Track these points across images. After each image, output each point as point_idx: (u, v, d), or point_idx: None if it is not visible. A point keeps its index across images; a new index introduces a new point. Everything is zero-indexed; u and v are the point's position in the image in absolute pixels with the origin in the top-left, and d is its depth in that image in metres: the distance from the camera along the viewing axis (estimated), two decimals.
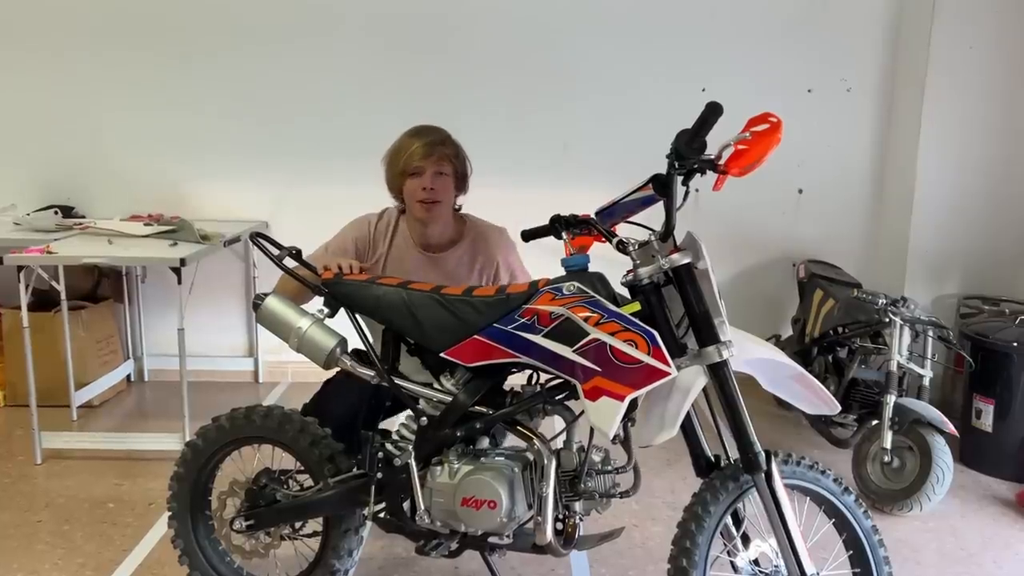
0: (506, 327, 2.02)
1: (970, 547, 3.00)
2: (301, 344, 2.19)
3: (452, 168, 2.49)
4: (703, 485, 1.99)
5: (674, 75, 4.51)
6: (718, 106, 1.81)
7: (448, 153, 2.48)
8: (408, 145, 2.47)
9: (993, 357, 3.55)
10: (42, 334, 3.88)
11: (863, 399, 3.48)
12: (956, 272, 4.35)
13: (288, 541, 2.39)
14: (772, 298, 4.72)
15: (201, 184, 4.58)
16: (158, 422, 4.04)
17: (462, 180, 2.55)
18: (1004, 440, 3.55)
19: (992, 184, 4.28)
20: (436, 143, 2.46)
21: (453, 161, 2.50)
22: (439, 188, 2.46)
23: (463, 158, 2.54)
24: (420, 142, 2.45)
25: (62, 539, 2.92)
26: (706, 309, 1.91)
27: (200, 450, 2.36)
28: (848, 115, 4.59)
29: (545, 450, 2.05)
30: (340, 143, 4.48)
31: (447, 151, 2.48)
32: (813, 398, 2.08)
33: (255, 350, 4.74)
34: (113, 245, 3.66)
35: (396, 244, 2.59)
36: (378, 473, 2.19)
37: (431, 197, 2.45)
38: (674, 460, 3.62)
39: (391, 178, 2.53)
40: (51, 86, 4.49)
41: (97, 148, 4.55)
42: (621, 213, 2.17)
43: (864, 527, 2.04)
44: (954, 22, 4.15)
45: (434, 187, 2.45)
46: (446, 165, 2.48)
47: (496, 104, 4.52)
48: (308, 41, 4.46)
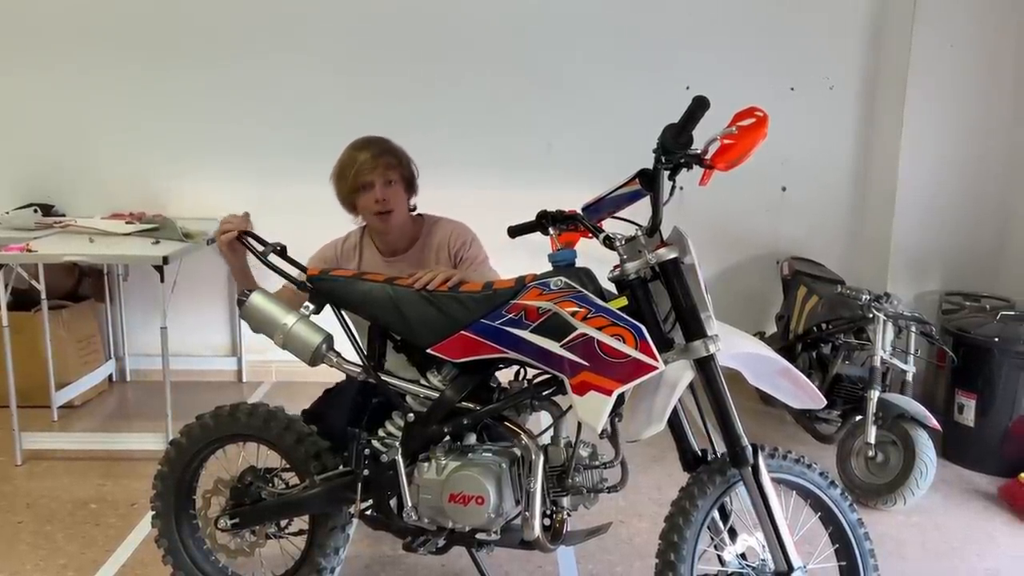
0: (493, 322, 2.02)
1: (953, 541, 3.03)
2: (286, 341, 2.17)
3: (399, 174, 2.53)
4: (690, 479, 2.00)
5: (658, 74, 4.52)
6: (705, 100, 1.82)
7: (393, 162, 2.51)
8: (353, 160, 2.49)
9: (975, 352, 3.59)
10: (22, 334, 3.84)
11: (847, 395, 3.51)
12: (937, 268, 4.40)
13: (274, 539, 2.37)
14: (756, 295, 4.74)
15: (183, 182, 4.54)
16: (140, 422, 4.00)
17: (410, 184, 2.59)
18: (986, 435, 3.58)
19: (972, 181, 4.32)
20: (380, 154, 2.49)
21: (399, 168, 2.53)
22: (390, 197, 2.50)
23: (407, 162, 2.58)
24: (365, 155, 2.48)
25: (44, 540, 2.89)
26: (693, 304, 1.91)
27: (184, 448, 2.34)
28: (831, 113, 4.62)
29: (533, 445, 2.05)
30: (322, 142, 4.39)
31: (392, 160, 2.51)
32: (799, 393, 2.09)
33: (238, 349, 4.71)
34: (94, 243, 3.63)
35: (365, 259, 2.64)
36: (365, 470, 2.18)
37: (384, 207, 2.49)
38: (660, 456, 3.62)
39: (343, 195, 2.56)
40: (31, 84, 4.44)
41: (78, 146, 4.50)
42: (608, 208, 2.18)
43: (850, 521, 2.06)
44: (935, 21, 4.19)
45: (385, 197, 2.49)
46: (393, 173, 2.51)
47: (479, 104, 4.52)
48: (290, 41, 4.43)
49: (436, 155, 4.39)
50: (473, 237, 2.64)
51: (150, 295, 4.54)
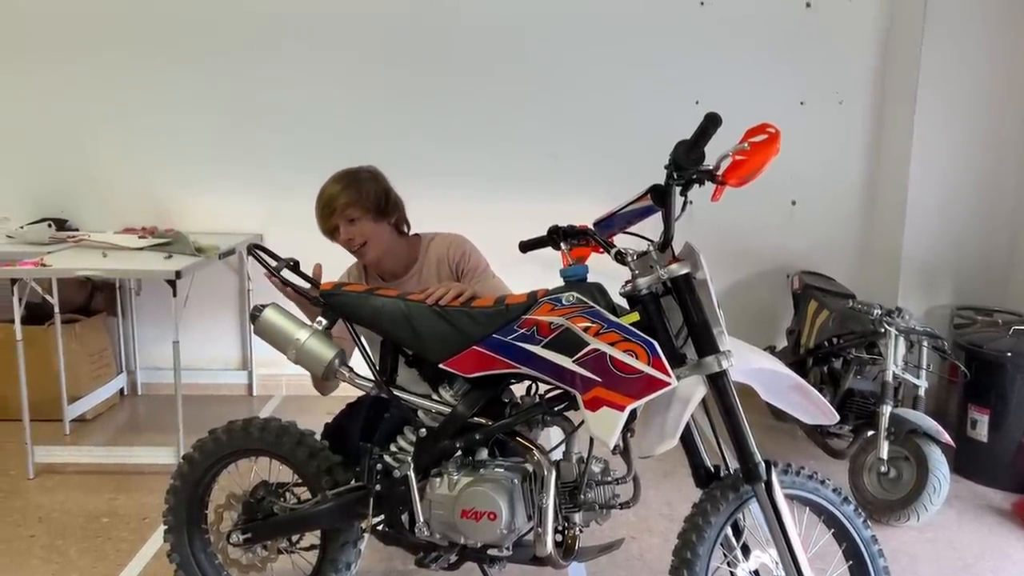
0: (505, 338, 2.02)
1: (967, 557, 3.00)
2: (299, 355, 2.18)
3: (361, 208, 2.45)
4: (703, 495, 1.99)
5: (667, 89, 4.53)
6: (717, 117, 1.82)
7: (349, 200, 2.43)
8: (318, 207, 2.48)
9: (987, 367, 3.57)
10: (35, 347, 3.86)
11: (859, 410, 3.49)
12: (949, 282, 4.38)
13: (285, 554, 2.37)
14: (766, 310, 4.73)
15: (195, 197, 4.58)
16: (152, 435, 4.01)
17: (381, 211, 2.49)
18: (999, 450, 3.56)
19: (983, 195, 4.31)
20: (334, 196, 2.44)
21: (359, 203, 2.45)
22: (357, 234, 2.46)
23: (370, 192, 2.47)
24: (323, 202, 2.46)
25: (56, 554, 2.90)
26: (705, 319, 1.91)
27: (197, 463, 2.35)
28: (840, 127, 4.62)
29: (545, 461, 2.04)
30: (333, 155, 4.43)
31: (348, 199, 2.43)
32: (811, 408, 2.09)
33: (249, 363, 4.72)
34: (107, 258, 3.65)
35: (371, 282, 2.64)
36: (377, 485, 2.18)
37: (353, 247, 2.50)
38: (671, 472, 3.61)
39: (326, 235, 2.55)
40: (44, 99, 4.48)
41: (91, 161, 4.54)
42: (619, 224, 2.18)
43: (864, 537, 2.04)
44: (945, 35, 4.19)
45: (351, 236, 2.47)
46: (353, 210, 2.44)
47: (487, 116, 4.54)
48: (300, 55, 4.47)
49: (442, 166, 4.44)
50: (471, 247, 2.61)
51: (162, 309, 4.56)
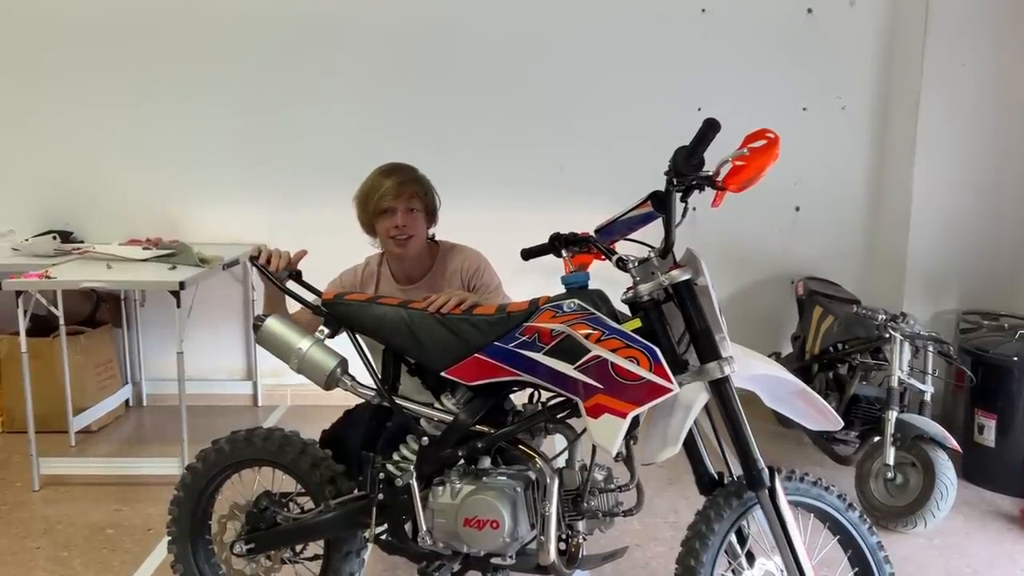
0: (507, 345, 2.02)
1: (975, 563, 2.98)
2: (301, 365, 2.18)
3: (422, 204, 2.57)
4: (707, 502, 1.98)
5: (669, 96, 4.54)
6: (716, 122, 1.82)
7: (417, 191, 2.55)
8: (379, 185, 2.53)
9: (994, 372, 3.55)
10: (40, 359, 3.88)
11: (865, 415, 3.47)
12: (954, 287, 4.36)
13: (289, 564, 2.37)
14: (771, 315, 4.72)
15: (199, 208, 4.59)
16: (157, 447, 4.01)
17: (432, 214, 2.63)
18: (1007, 455, 3.54)
19: (988, 199, 4.30)
20: (406, 182, 2.54)
21: (423, 198, 2.57)
22: (410, 224, 2.53)
23: (432, 193, 2.62)
24: (391, 182, 2.52)
25: (61, 565, 2.89)
26: (707, 325, 1.91)
27: (200, 474, 2.35)
28: (843, 133, 4.62)
29: (547, 469, 2.04)
30: (338, 166, 4.49)
31: (416, 189, 2.55)
32: (816, 414, 2.07)
33: (254, 373, 4.73)
34: (112, 269, 3.66)
35: (382, 287, 2.66)
36: (379, 494, 2.18)
37: (403, 233, 2.53)
38: (675, 479, 3.60)
39: (364, 218, 2.60)
40: (48, 111, 4.51)
41: (95, 173, 4.56)
42: (620, 231, 2.18)
43: (869, 544, 2.03)
44: (947, 40, 4.19)
45: (405, 224, 2.52)
46: (416, 201, 2.55)
47: (492, 126, 4.55)
48: (306, 65, 4.49)
49: (448, 176, 4.42)
50: (486, 264, 2.66)
51: (166, 320, 4.56)
